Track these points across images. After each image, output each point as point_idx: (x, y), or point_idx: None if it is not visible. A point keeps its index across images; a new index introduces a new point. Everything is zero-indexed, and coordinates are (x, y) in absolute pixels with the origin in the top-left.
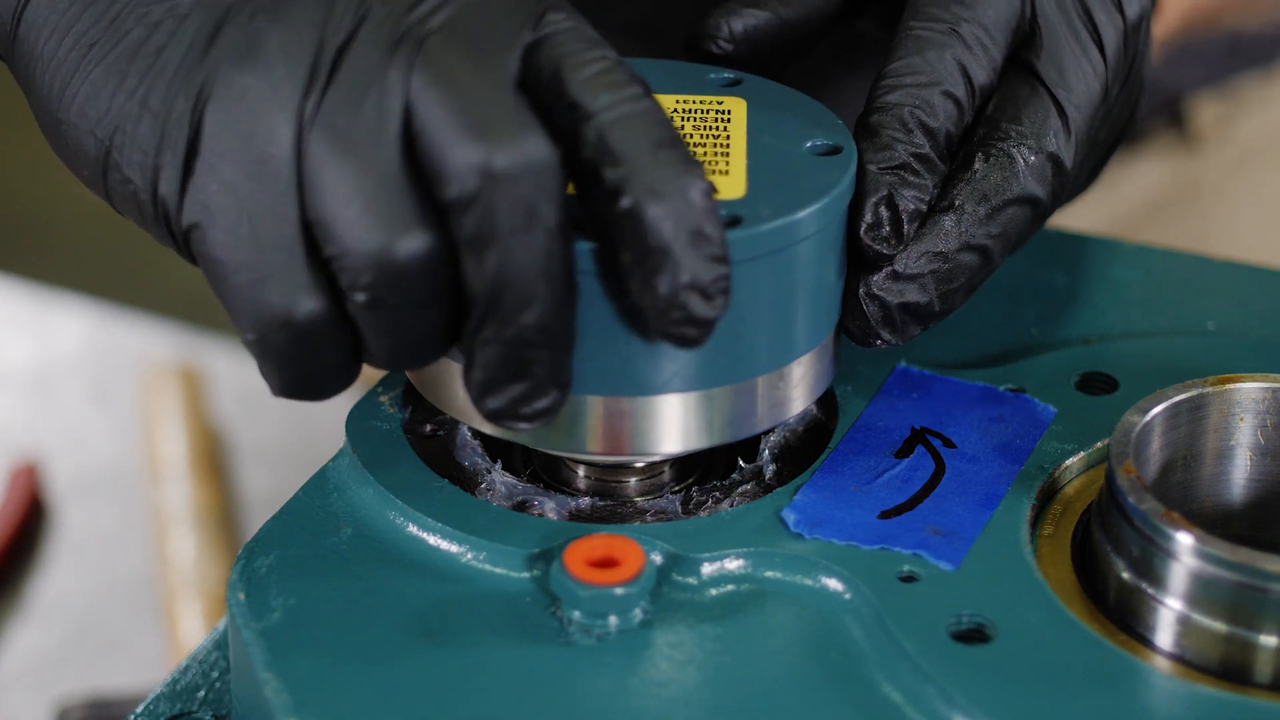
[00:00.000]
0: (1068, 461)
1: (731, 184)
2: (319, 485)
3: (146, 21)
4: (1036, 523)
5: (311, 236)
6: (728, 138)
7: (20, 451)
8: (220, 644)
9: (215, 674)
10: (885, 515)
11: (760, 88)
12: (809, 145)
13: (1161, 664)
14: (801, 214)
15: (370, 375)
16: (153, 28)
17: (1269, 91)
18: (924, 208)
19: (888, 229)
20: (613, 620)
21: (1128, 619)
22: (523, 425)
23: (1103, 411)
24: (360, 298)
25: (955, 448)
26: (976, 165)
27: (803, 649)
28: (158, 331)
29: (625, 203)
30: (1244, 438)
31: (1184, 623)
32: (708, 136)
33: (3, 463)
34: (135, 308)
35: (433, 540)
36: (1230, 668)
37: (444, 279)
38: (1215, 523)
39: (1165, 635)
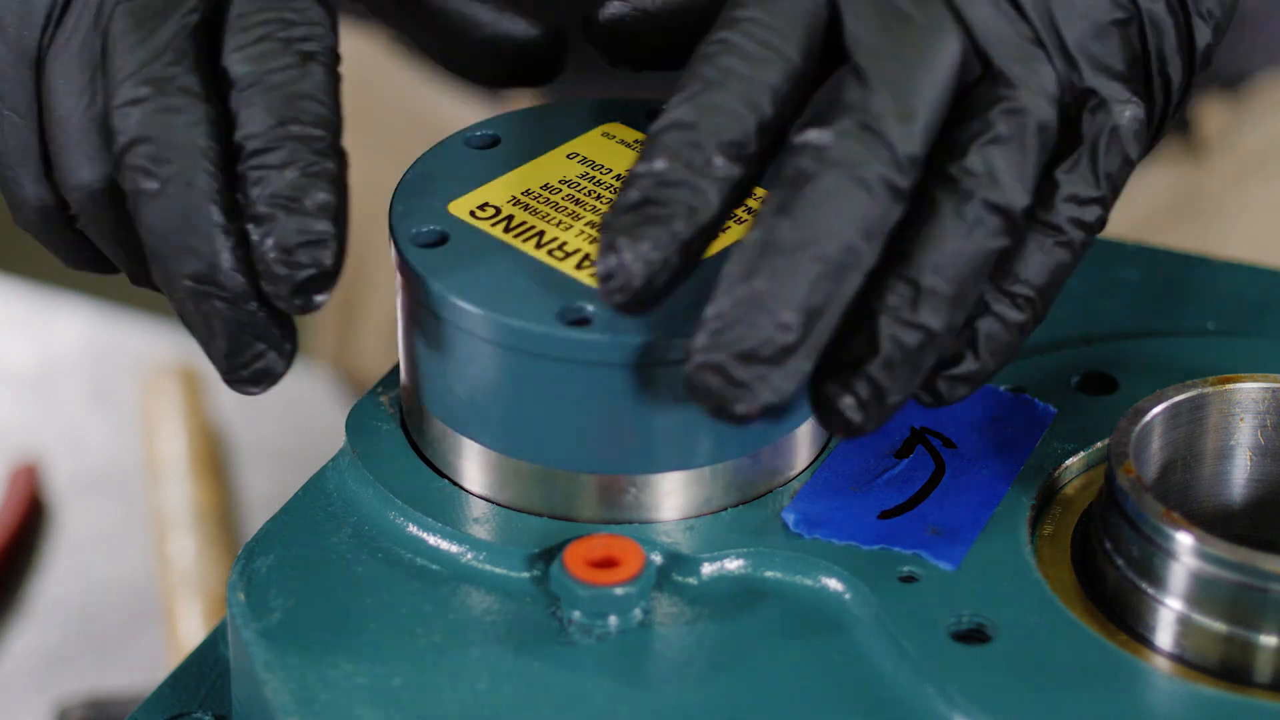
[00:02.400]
0: (1068, 461)
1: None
2: (319, 485)
3: None
4: (1036, 523)
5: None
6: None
7: (20, 451)
8: (220, 644)
9: (215, 674)
10: (885, 515)
11: None
12: None
13: (1161, 664)
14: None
15: (370, 375)
16: None
17: (1275, 99)
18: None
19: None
20: (613, 620)
21: (1128, 619)
22: (253, 389)
23: (1103, 411)
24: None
25: (955, 448)
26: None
27: (803, 649)
28: (158, 331)
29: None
30: (1244, 438)
31: (1184, 623)
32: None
33: (3, 463)
34: (135, 308)
35: (433, 540)
36: (1230, 668)
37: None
38: (1215, 523)
39: (1165, 635)
